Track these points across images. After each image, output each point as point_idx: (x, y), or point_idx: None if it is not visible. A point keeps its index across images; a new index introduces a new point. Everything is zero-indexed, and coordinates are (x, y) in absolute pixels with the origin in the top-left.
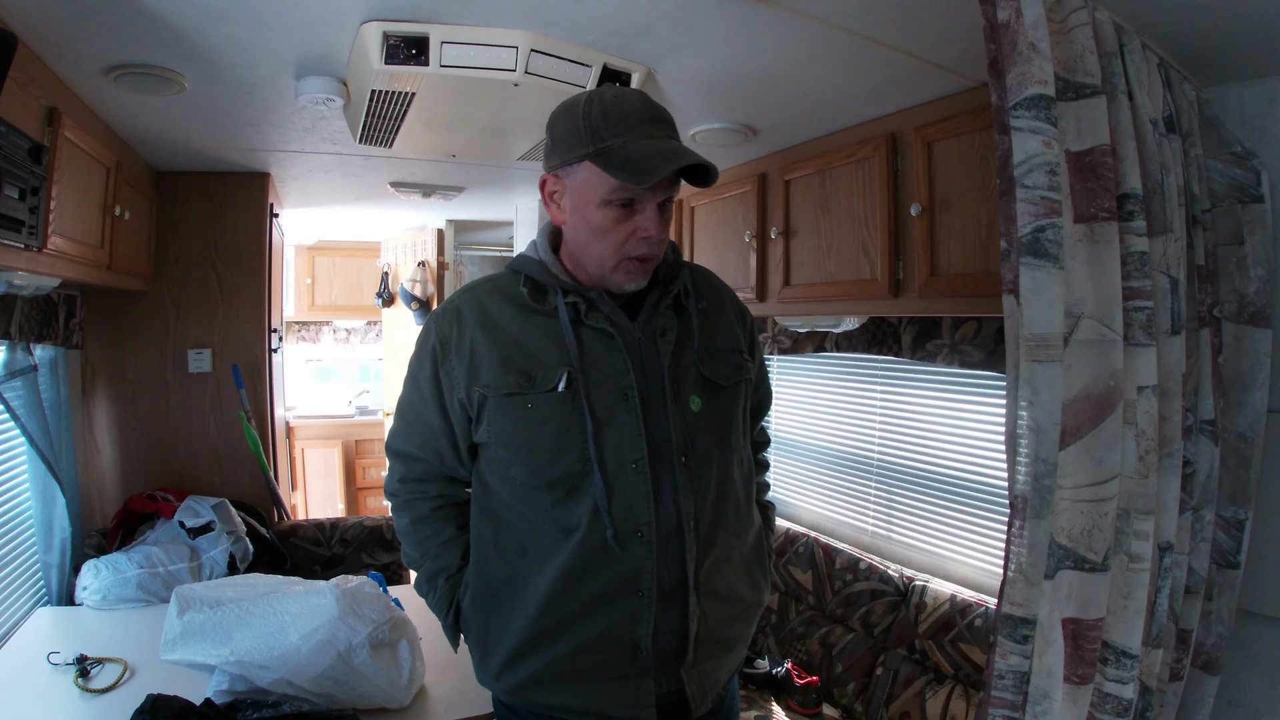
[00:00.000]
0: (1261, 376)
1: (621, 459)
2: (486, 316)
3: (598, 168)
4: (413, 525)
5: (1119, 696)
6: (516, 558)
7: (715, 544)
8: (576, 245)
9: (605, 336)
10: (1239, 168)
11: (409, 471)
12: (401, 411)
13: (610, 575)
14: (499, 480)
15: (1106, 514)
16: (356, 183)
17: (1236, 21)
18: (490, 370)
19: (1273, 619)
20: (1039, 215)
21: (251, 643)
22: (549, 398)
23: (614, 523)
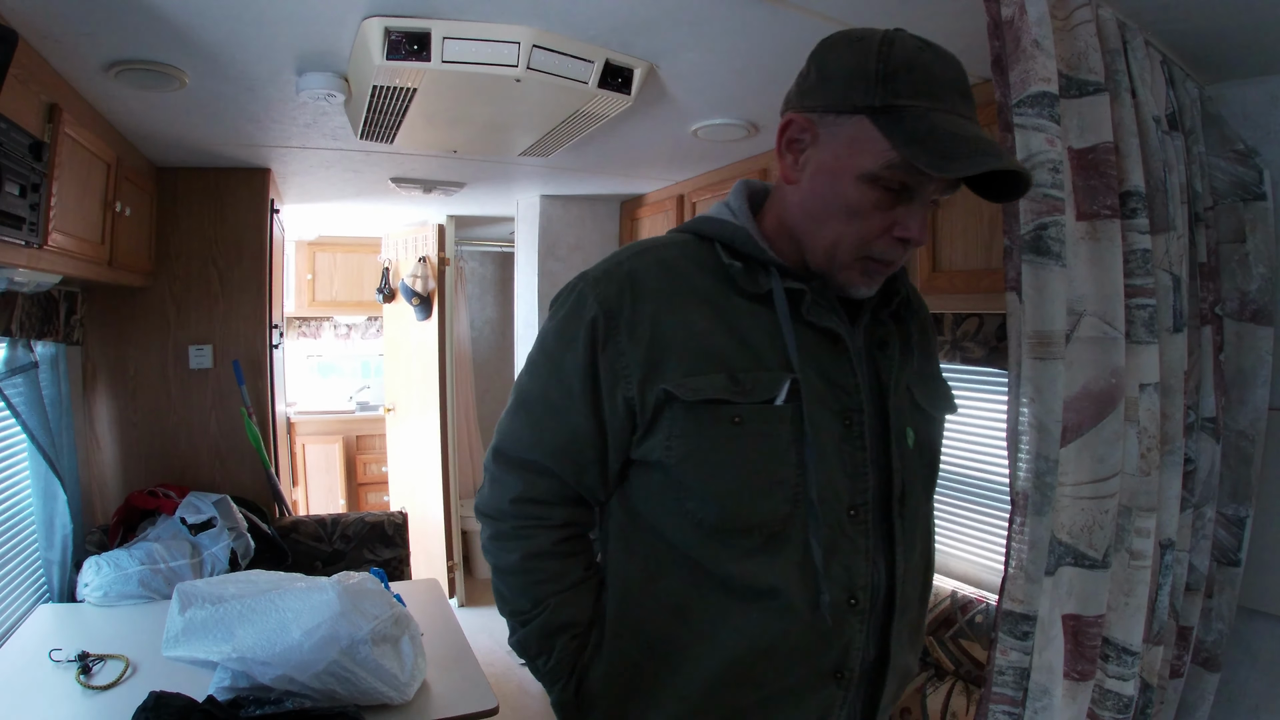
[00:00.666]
0: (1263, 374)
1: (838, 503)
2: (675, 287)
3: (878, 130)
4: (524, 562)
5: (1120, 693)
6: (673, 620)
7: (909, 612)
8: (803, 218)
9: (830, 340)
10: (1241, 165)
11: (530, 489)
12: (526, 406)
13: (810, 656)
14: (665, 515)
15: (1107, 511)
16: (357, 178)
17: (1239, 19)
18: (683, 363)
19: (1273, 616)
20: (1041, 213)
21: (254, 639)
22: (764, 412)
23: (830, 587)
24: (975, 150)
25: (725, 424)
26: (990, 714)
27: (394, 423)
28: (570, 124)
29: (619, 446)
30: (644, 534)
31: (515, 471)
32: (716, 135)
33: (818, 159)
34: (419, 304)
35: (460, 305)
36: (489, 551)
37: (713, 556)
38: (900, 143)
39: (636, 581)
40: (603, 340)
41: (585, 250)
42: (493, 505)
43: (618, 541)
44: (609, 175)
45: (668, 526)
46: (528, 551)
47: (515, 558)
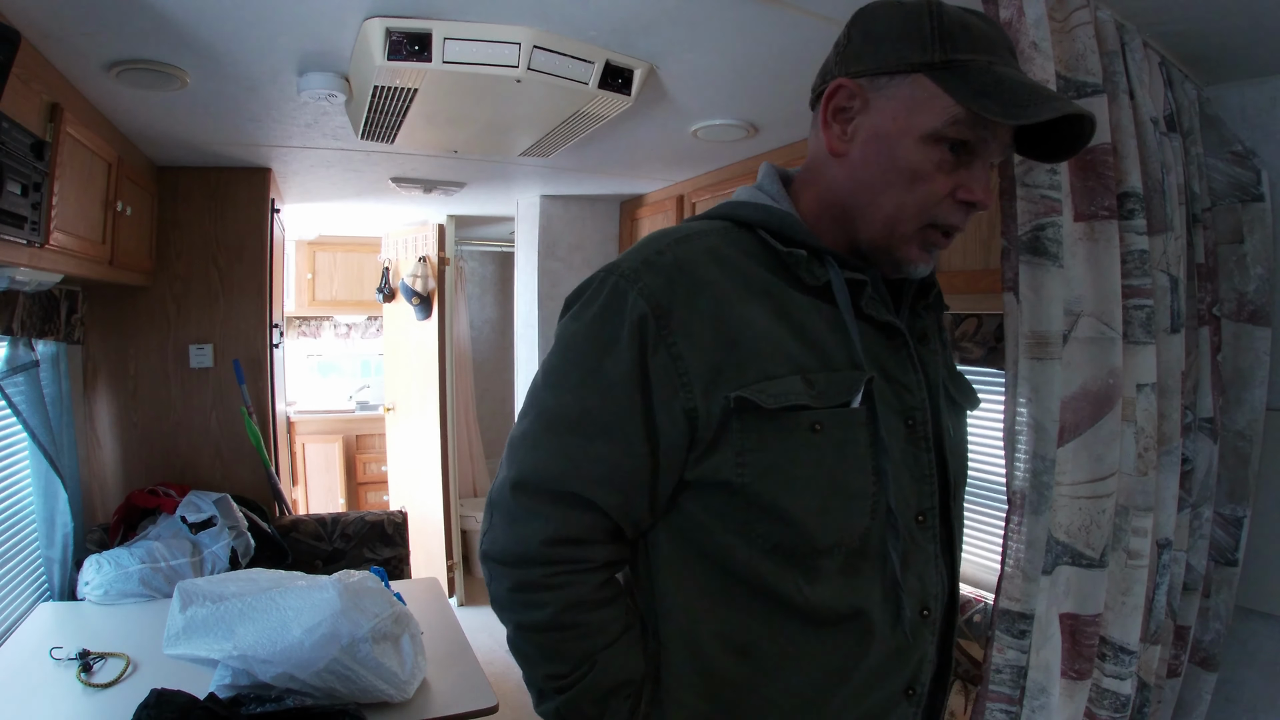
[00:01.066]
0: (1261, 374)
1: (908, 510)
2: (732, 278)
3: (940, 86)
4: (563, 616)
5: (1117, 692)
6: (739, 661)
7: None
8: (856, 190)
9: (890, 334)
10: (1240, 166)
11: (567, 527)
12: (555, 428)
13: (888, 677)
14: (730, 541)
15: (1105, 511)
16: (358, 178)
17: (1238, 21)
18: (754, 365)
19: (1271, 616)
20: (1039, 214)
21: (254, 637)
22: (842, 417)
23: (909, 601)
24: (1047, 97)
25: (804, 432)
26: (987, 712)
27: (394, 422)
28: (570, 124)
29: (673, 467)
30: (700, 565)
31: (547, 507)
32: (716, 136)
33: (870, 124)
34: (419, 303)
35: (460, 305)
36: (509, 607)
37: (790, 583)
38: (966, 96)
39: (695, 621)
40: (653, 342)
41: (585, 250)
42: (514, 550)
43: (668, 577)
44: (609, 175)
45: (732, 555)
46: (567, 603)
47: (549, 613)
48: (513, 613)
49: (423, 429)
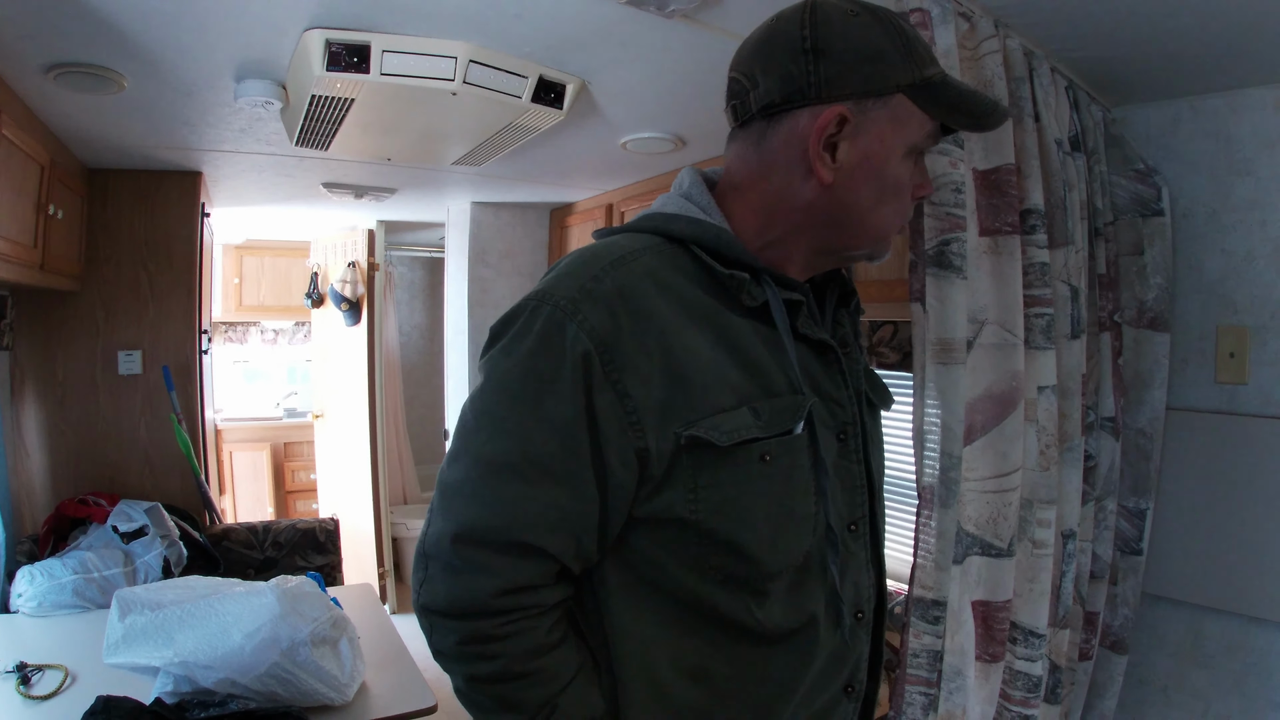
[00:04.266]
0: (1160, 376)
1: (842, 522)
2: (674, 305)
3: (916, 105)
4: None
5: (1029, 674)
6: (694, 687)
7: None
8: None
9: (822, 351)
10: (1141, 183)
11: (515, 577)
12: (496, 471)
13: (832, 679)
14: (681, 573)
15: (1010, 504)
16: (289, 183)
17: (1142, 48)
18: (703, 399)
19: (1177, 602)
20: (944, 230)
21: (195, 644)
22: (787, 445)
23: (847, 608)
24: (994, 105)
25: (756, 464)
26: (906, 695)
27: (322, 429)
28: (503, 136)
29: (621, 507)
30: (651, 597)
31: (494, 559)
32: (644, 148)
33: (861, 148)
34: (348, 309)
35: (389, 311)
36: (458, 660)
37: (741, 607)
38: (942, 113)
39: (649, 651)
40: (599, 382)
41: (516, 257)
42: (460, 603)
43: (620, 610)
44: (540, 184)
45: (685, 585)
46: (521, 651)
47: (502, 663)
48: (462, 665)
49: (352, 436)
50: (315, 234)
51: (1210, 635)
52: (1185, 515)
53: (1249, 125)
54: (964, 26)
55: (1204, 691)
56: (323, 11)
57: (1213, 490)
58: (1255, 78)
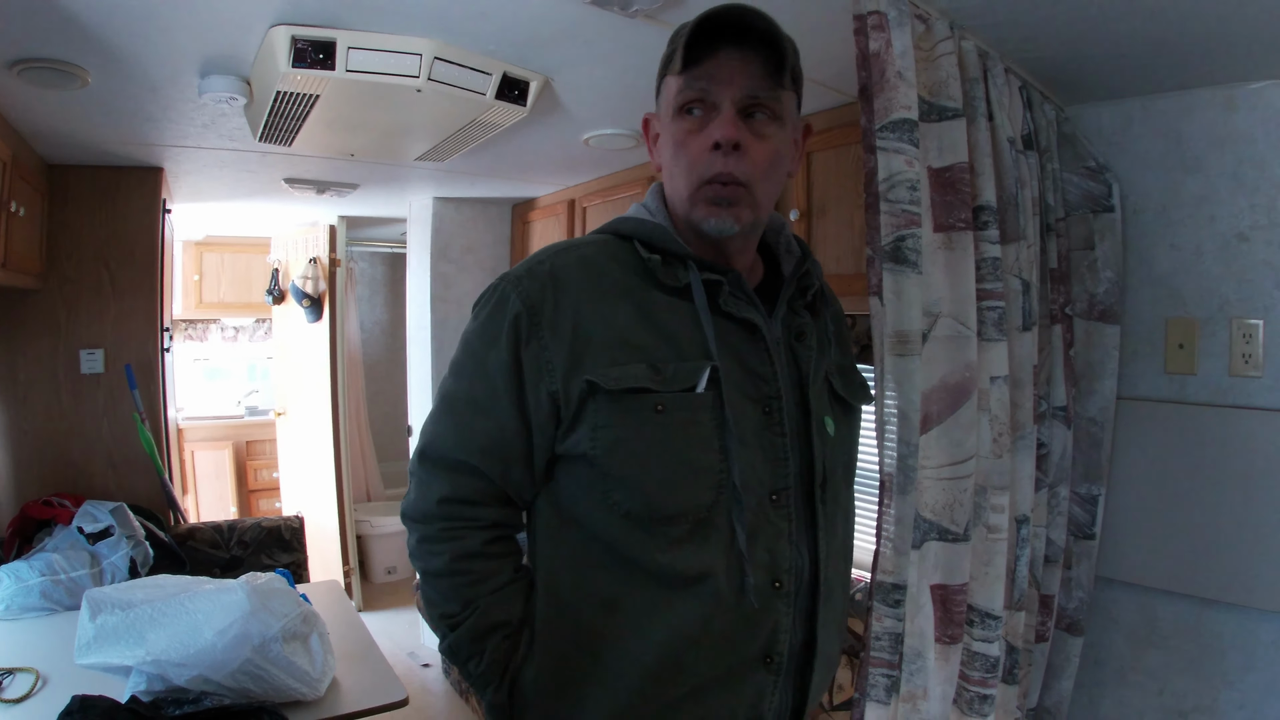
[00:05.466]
0: (1110, 367)
1: (761, 489)
2: (594, 282)
3: (670, 75)
4: (453, 564)
5: (986, 654)
6: (603, 616)
7: (833, 599)
8: (669, 188)
9: (747, 329)
10: (1092, 180)
11: (457, 490)
12: (451, 407)
13: (740, 642)
14: (593, 508)
15: (966, 490)
16: (251, 178)
17: (1095, 48)
18: (605, 354)
19: (1131, 585)
20: (900, 226)
21: (167, 642)
22: (686, 400)
23: (754, 570)
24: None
25: (649, 412)
26: (870, 676)
27: (285, 427)
28: (467, 132)
29: (544, 443)
30: (572, 530)
31: (441, 473)
32: (606, 144)
33: (656, 131)
34: (310, 306)
35: (350, 307)
36: (416, 556)
37: (641, 547)
38: (672, 68)
39: (565, 579)
40: (525, 336)
41: (478, 252)
42: (419, 509)
43: (546, 540)
44: (502, 179)
45: (595, 520)
46: (456, 553)
47: (443, 560)
48: (419, 561)
49: (315, 434)
50: (276, 230)
51: (1163, 617)
52: (1137, 501)
53: (1199, 124)
54: (920, 28)
55: (1159, 671)
56: (289, 8)
57: (1163, 477)
58: (1205, 78)
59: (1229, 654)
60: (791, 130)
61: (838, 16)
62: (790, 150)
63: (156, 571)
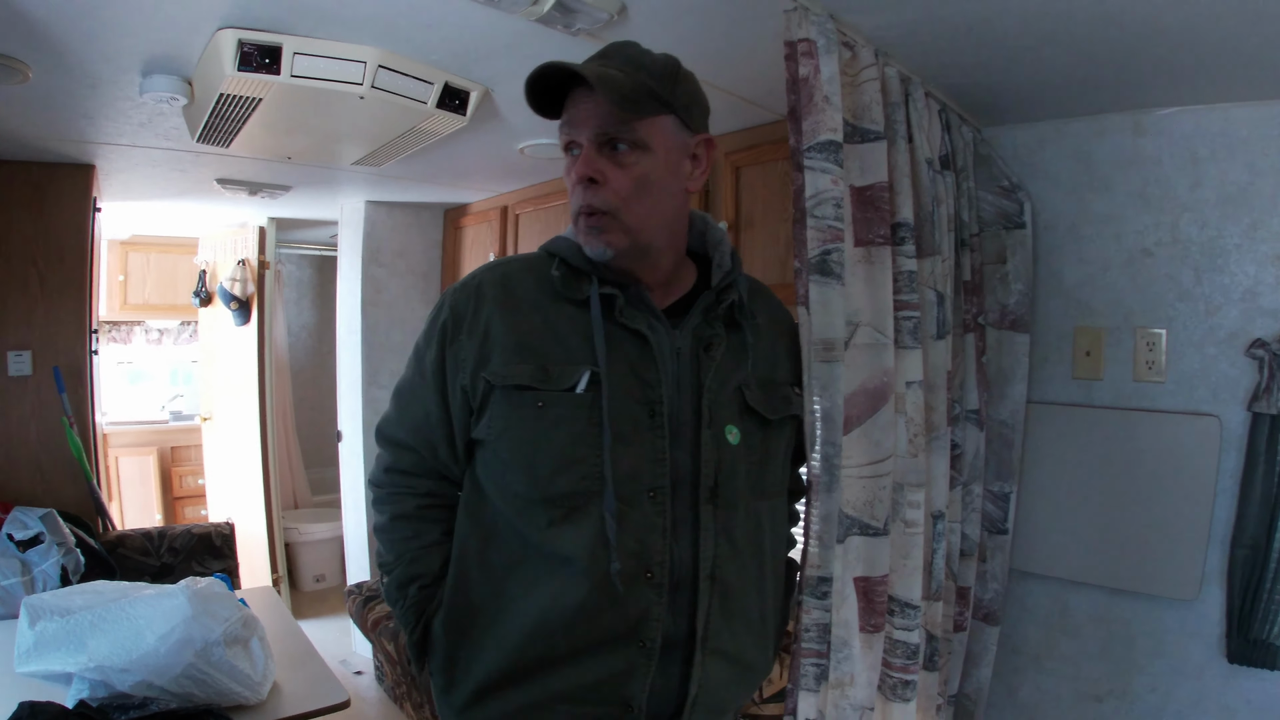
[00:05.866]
0: (1021, 373)
1: (638, 484)
2: (509, 295)
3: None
4: (392, 522)
5: (907, 642)
6: (503, 577)
7: (733, 599)
8: None
9: (638, 339)
10: (1006, 198)
11: (397, 461)
12: (398, 393)
13: (608, 622)
14: (494, 486)
15: (884, 487)
16: (182, 177)
17: (1011, 75)
18: (501, 356)
19: (1043, 577)
20: (825, 240)
21: (109, 648)
22: (564, 398)
23: (621, 558)
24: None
25: (531, 408)
26: (801, 666)
27: (211, 432)
28: (405, 139)
29: (461, 428)
30: (484, 505)
31: (388, 446)
32: (541, 154)
33: None
34: (238, 308)
35: (278, 310)
36: (372, 513)
37: (528, 524)
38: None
39: (473, 546)
40: (450, 338)
41: (409, 257)
42: (374, 474)
43: (464, 511)
44: (436, 185)
45: (497, 498)
46: (394, 513)
47: (385, 518)
48: (373, 517)
49: (242, 439)
50: (204, 230)
51: (1075, 607)
52: (1047, 498)
53: (1108, 147)
54: (846, 55)
55: (1073, 658)
56: (237, 12)
57: (1072, 475)
58: (1115, 104)
59: (1138, 640)
60: (669, 151)
61: (766, 42)
62: (669, 170)
63: (87, 579)
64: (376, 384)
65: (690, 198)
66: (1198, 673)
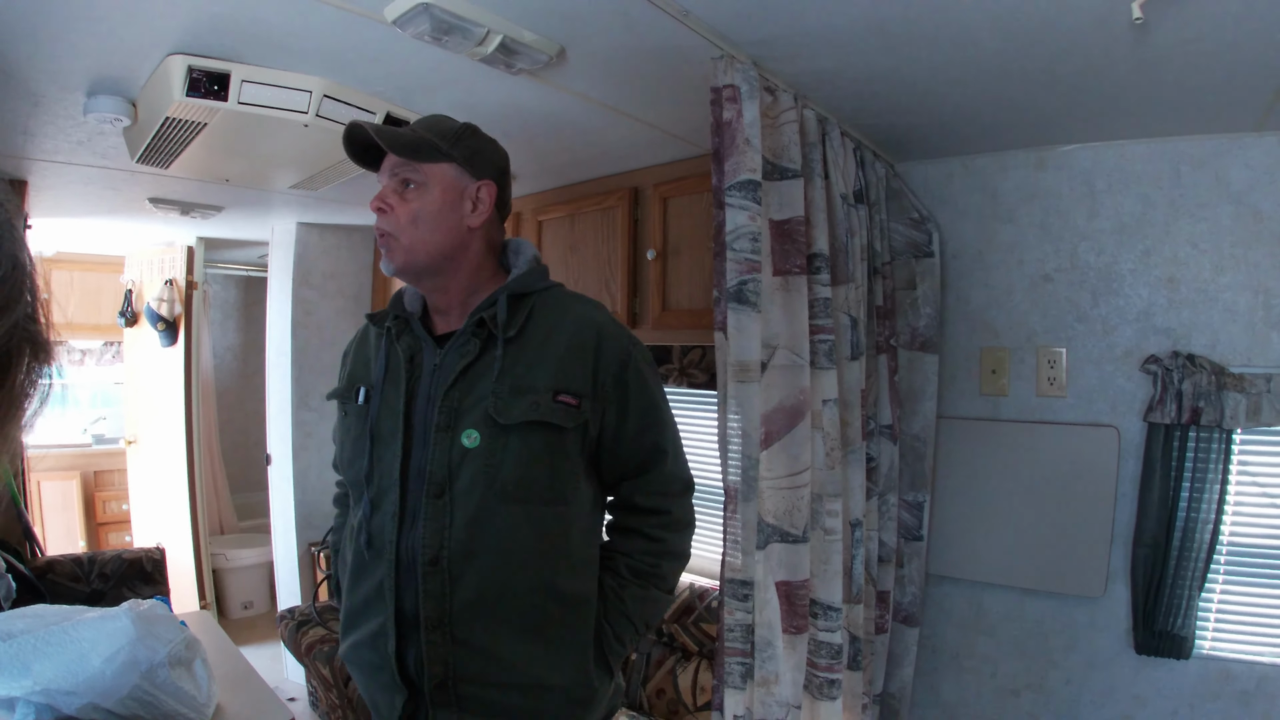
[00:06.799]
0: (930, 390)
1: (388, 479)
2: (365, 334)
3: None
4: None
5: (830, 643)
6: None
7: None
8: None
9: (402, 360)
10: (916, 230)
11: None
12: None
13: (366, 586)
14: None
15: (803, 497)
16: (115, 196)
17: (918, 117)
18: (344, 377)
19: (958, 579)
20: (743, 271)
21: (54, 671)
22: (354, 409)
23: (369, 534)
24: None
25: (340, 415)
26: (726, 664)
27: (136, 456)
28: (344, 165)
29: None
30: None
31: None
32: None
33: None
34: (164, 329)
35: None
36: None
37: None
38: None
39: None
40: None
41: (340, 279)
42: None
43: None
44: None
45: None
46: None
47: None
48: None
49: (168, 463)
50: (131, 249)
51: (990, 607)
52: (959, 506)
53: (1012, 181)
54: (768, 99)
55: (991, 656)
56: (188, 39)
57: (982, 484)
58: (1018, 141)
59: (1051, 636)
60: (446, 191)
61: (694, 83)
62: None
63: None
64: (306, 406)
65: (477, 233)
66: (1108, 664)
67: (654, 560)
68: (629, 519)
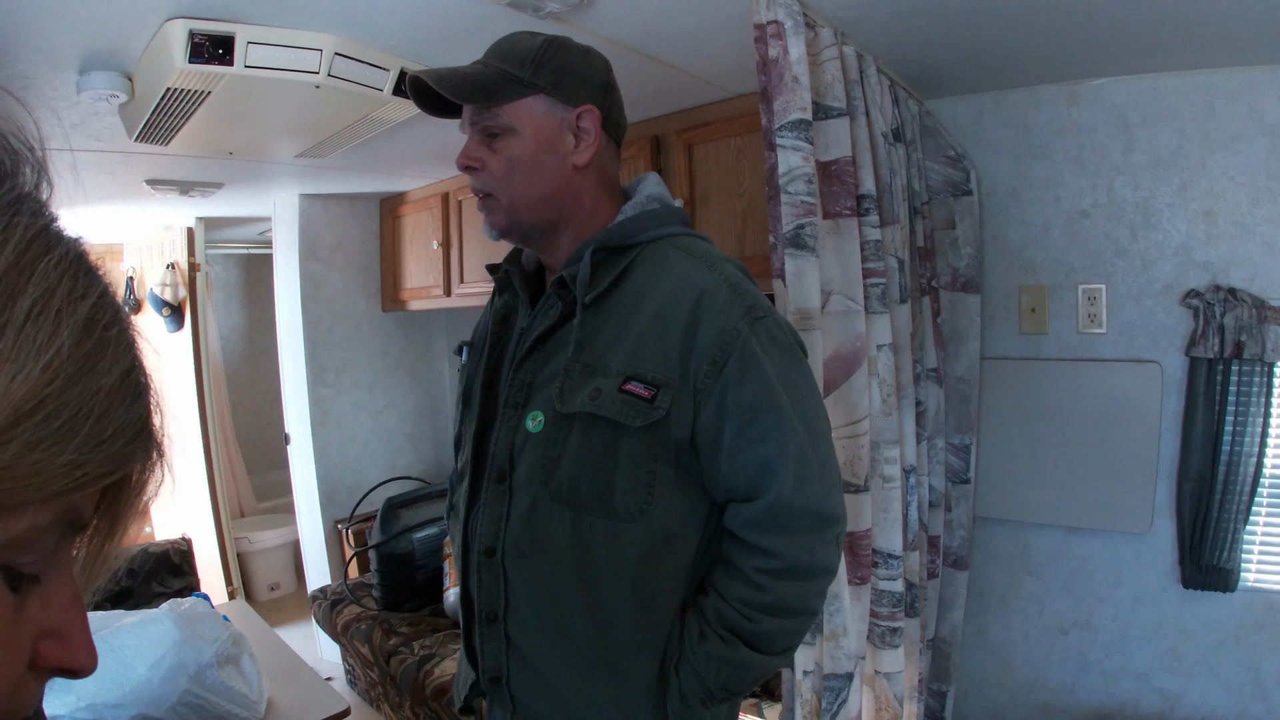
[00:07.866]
0: (973, 331)
1: (469, 450)
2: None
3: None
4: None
5: (891, 591)
6: None
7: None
8: None
9: (493, 321)
10: (952, 168)
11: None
12: None
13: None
14: None
15: (863, 446)
16: (110, 181)
17: (952, 51)
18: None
19: (1004, 521)
20: (799, 215)
21: (98, 684)
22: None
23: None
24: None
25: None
26: None
27: None
28: (357, 128)
29: None
30: None
31: None
32: None
33: None
34: (170, 314)
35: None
36: None
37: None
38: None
39: None
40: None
41: (347, 249)
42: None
43: None
44: (372, 174)
45: None
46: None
47: None
48: None
49: (184, 450)
50: (129, 235)
51: (1036, 547)
52: (1004, 447)
53: (1045, 116)
54: (810, 35)
55: (1038, 595)
56: (187, 1)
57: (1025, 424)
58: (1049, 76)
59: (1097, 574)
60: (539, 130)
61: (721, 25)
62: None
63: None
64: (323, 382)
65: (587, 171)
66: (1155, 600)
67: (752, 613)
68: (733, 551)
